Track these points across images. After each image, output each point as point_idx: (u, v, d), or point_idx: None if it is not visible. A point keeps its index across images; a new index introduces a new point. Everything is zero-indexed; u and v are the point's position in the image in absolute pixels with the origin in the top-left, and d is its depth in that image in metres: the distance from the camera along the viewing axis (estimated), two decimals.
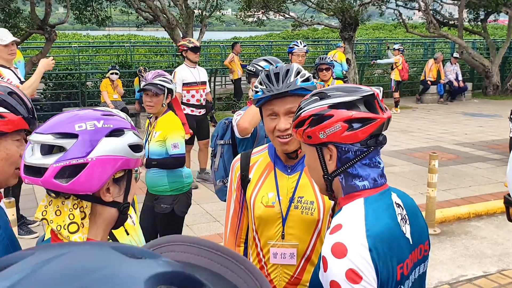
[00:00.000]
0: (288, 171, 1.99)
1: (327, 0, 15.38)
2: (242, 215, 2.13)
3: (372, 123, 1.40)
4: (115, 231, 1.65)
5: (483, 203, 6.37)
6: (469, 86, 16.63)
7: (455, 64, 16.04)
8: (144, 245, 0.59)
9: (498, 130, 11.02)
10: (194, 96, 6.92)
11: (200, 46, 7.76)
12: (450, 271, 4.77)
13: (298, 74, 1.89)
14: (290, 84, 1.86)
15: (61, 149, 1.24)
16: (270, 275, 1.98)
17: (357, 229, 1.34)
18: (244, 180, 2.06)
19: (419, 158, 8.75)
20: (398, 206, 1.46)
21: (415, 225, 1.49)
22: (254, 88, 1.95)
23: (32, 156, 1.25)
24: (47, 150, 1.25)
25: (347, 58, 13.77)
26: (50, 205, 1.31)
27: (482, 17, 18.28)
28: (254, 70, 3.33)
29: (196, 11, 14.78)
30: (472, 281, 4.57)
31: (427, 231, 1.57)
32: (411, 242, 1.45)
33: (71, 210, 1.29)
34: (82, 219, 1.30)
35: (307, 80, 1.90)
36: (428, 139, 10.47)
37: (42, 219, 1.31)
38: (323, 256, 1.34)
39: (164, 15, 13.29)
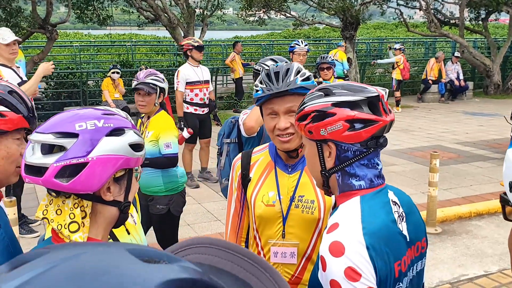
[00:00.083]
0: (289, 170, 1.99)
1: None
2: (243, 214, 2.13)
3: (374, 125, 1.40)
4: (115, 230, 1.65)
5: (484, 202, 6.37)
6: (470, 85, 16.61)
7: (456, 63, 16.02)
8: (172, 245, 0.58)
9: (499, 129, 11.01)
10: (197, 95, 6.92)
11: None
12: (451, 270, 4.77)
13: (298, 73, 1.89)
14: (290, 83, 1.86)
15: (61, 148, 1.24)
16: None
17: (353, 227, 1.35)
18: (245, 179, 2.06)
19: (420, 157, 8.74)
20: (394, 203, 1.46)
21: (412, 222, 1.49)
22: (255, 87, 1.95)
23: (33, 155, 1.26)
24: (48, 149, 1.26)
25: (348, 57, 13.76)
26: (50, 204, 1.32)
27: (483, 16, 18.25)
28: (261, 70, 3.33)
29: (197, 10, 14.76)
30: (473, 280, 4.57)
31: (424, 228, 1.57)
32: (408, 239, 1.45)
33: (71, 209, 1.30)
34: (83, 218, 1.30)
35: (307, 79, 1.90)
36: (429, 138, 10.46)
37: (43, 218, 1.31)
38: (321, 256, 1.35)
39: (165, 14, 13.29)
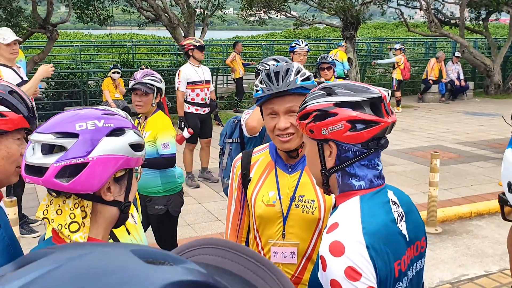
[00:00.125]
0: (289, 170, 1.99)
1: None
2: (243, 214, 2.13)
3: (375, 126, 1.40)
4: (116, 230, 1.65)
5: (484, 202, 6.37)
6: (470, 85, 16.60)
7: (456, 63, 16.01)
8: (179, 246, 0.58)
9: (500, 129, 10.99)
10: (198, 94, 6.91)
11: None
12: (451, 270, 4.77)
13: (298, 73, 1.89)
14: (290, 83, 1.86)
15: (61, 148, 1.24)
16: None
17: (353, 226, 1.35)
18: (245, 179, 2.06)
19: (420, 157, 8.74)
20: (394, 203, 1.46)
21: (411, 222, 1.50)
22: (255, 87, 1.95)
23: (33, 155, 1.26)
24: (48, 149, 1.26)
25: (348, 57, 13.76)
26: (51, 204, 1.32)
27: (483, 16, 18.25)
28: (262, 69, 3.33)
29: (197, 10, 14.76)
30: (474, 280, 4.57)
31: (423, 227, 1.57)
32: (408, 239, 1.45)
33: (72, 209, 1.30)
34: (83, 218, 1.30)
35: (307, 79, 1.90)
36: (429, 138, 10.46)
37: (43, 218, 1.31)
38: (321, 256, 1.35)
39: (165, 14, 13.29)
